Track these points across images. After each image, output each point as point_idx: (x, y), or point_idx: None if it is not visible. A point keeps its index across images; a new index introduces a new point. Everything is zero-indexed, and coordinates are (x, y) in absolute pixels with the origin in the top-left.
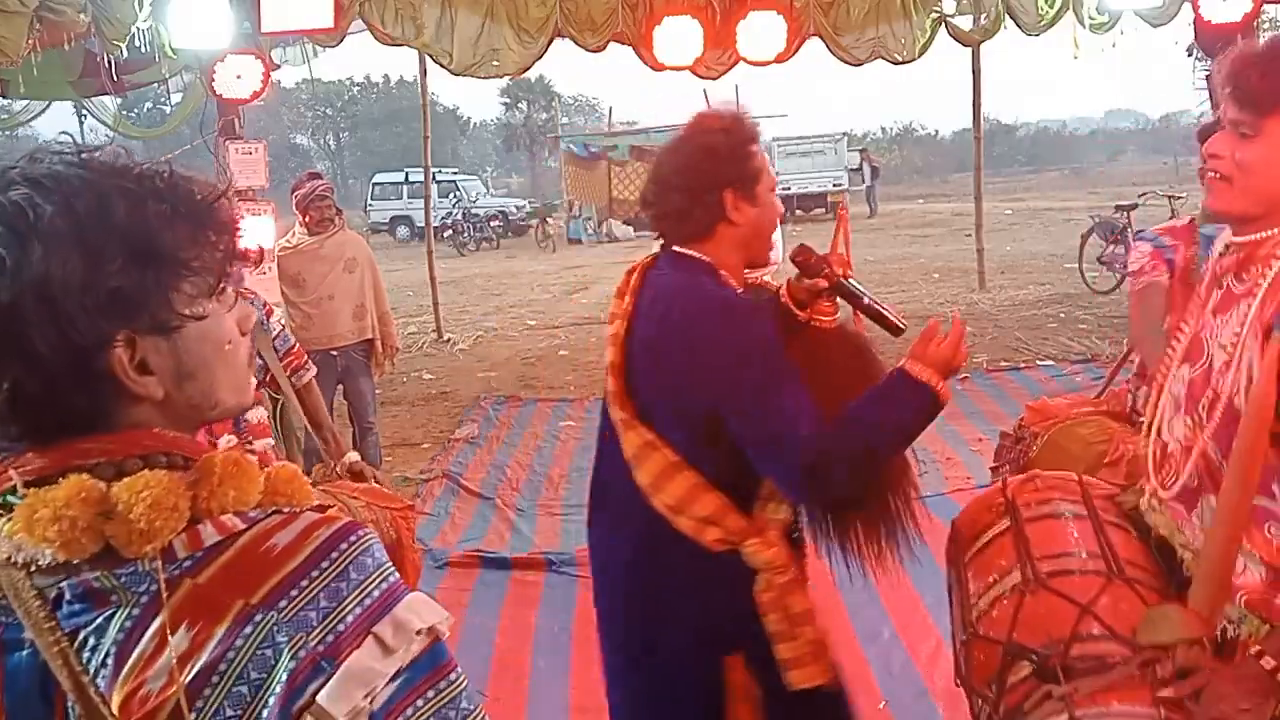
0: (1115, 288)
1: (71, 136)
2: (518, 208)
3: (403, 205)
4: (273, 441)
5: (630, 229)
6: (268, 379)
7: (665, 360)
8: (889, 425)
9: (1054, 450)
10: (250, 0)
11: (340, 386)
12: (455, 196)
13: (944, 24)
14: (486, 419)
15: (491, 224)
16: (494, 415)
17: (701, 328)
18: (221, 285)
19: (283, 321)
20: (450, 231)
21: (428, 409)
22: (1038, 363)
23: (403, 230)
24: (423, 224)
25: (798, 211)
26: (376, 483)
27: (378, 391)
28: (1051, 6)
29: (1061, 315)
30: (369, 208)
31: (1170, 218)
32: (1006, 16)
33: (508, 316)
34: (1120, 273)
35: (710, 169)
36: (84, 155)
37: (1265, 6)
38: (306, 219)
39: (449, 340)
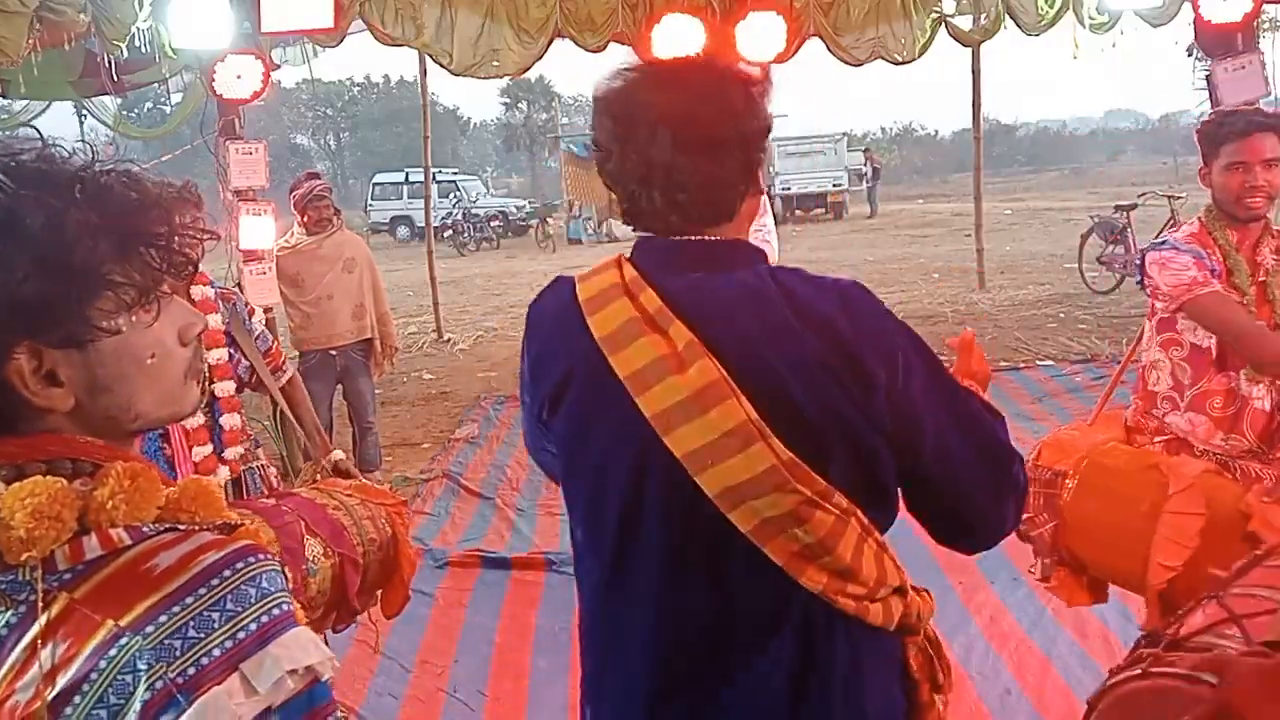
0: (1115, 288)
1: (38, 131)
2: (518, 208)
3: (403, 205)
4: (243, 450)
5: (630, 229)
6: (253, 379)
7: (844, 387)
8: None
9: (1094, 489)
10: (250, 0)
11: (340, 386)
12: (455, 197)
13: (944, 24)
14: (486, 419)
15: (491, 224)
16: (494, 415)
17: (871, 333)
18: (149, 298)
19: (263, 321)
20: (450, 232)
21: (428, 409)
22: (1037, 363)
23: (403, 230)
24: (423, 224)
25: (797, 212)
26: (365, 479)
27: (378, 391)
28: (1051, 6)
29: (1061, 315)
30: (369, 208)
31: (1170, 218)
32: (1006, 16)
33: (508, 316)
34: (1120, 273)
35: (759, 122)
36: (9, 159)
37: (1265, 6)
38: (305, 219)
39: (449, 340)
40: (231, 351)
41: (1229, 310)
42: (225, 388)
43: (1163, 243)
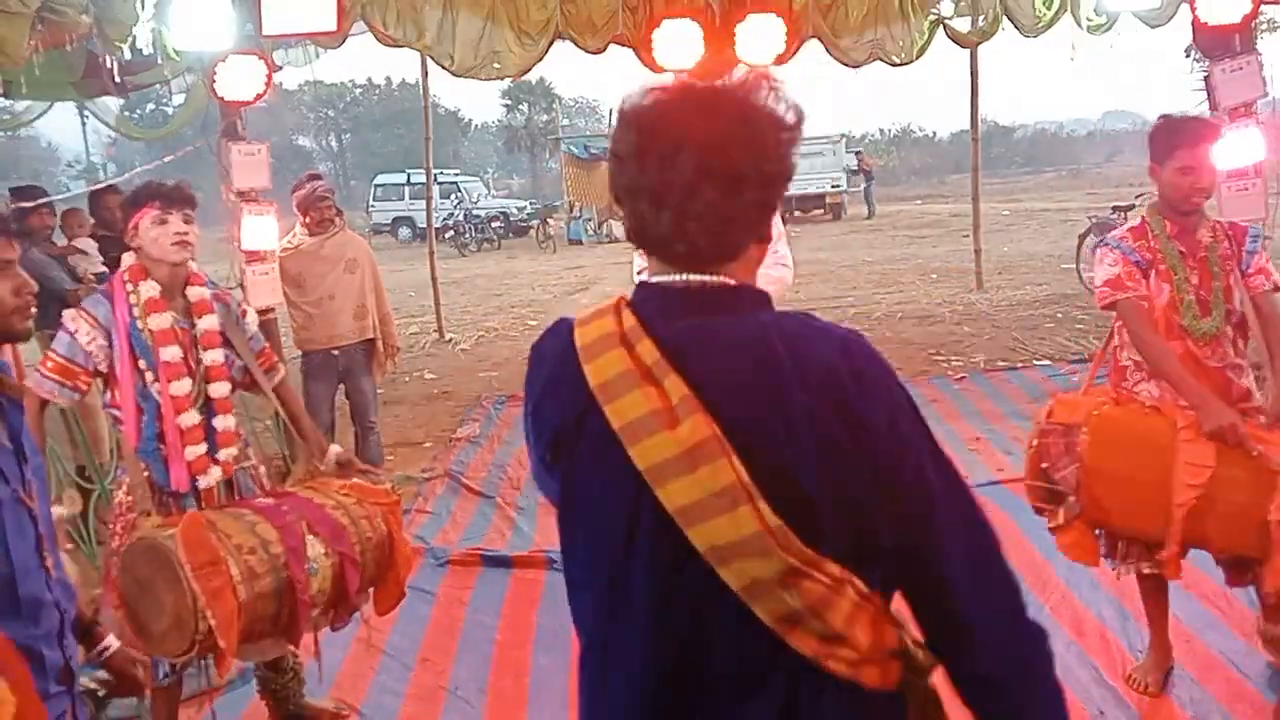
0: None
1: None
2: (518, 209)
3: (405, 206)
4: (235, 451)
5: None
6: (247, 380)
7: (840, 445)
8: None
9: (1108, 436)
10: (252, 2)
11: (342, 386)
12: (457, 198)
13: (942, 26)
14: (488, 418)
15: (492, 225)
16: (495, 414)
17: (874, 386)
18: None
19: (256, 322)
20: (452, 232)
21: (429, 408)
22: (1035, 363)
23: (405, 231)
24: (424, 225)
25: (796, 213)
26: (361, 476)
27: (380, 391)
28: (1049, 8)
29: (1059, 315)
30: (371, 209)
31: None
32: (1004, 18)
33: (509, 316)
34: None
35: (783, 167)
36: None
37: (1264, 6)
38: (307, 220)
39: (450, 340)
40: (227, 353)
41: (1137, 321)
42: (220, 389)
43: (1104, 240)
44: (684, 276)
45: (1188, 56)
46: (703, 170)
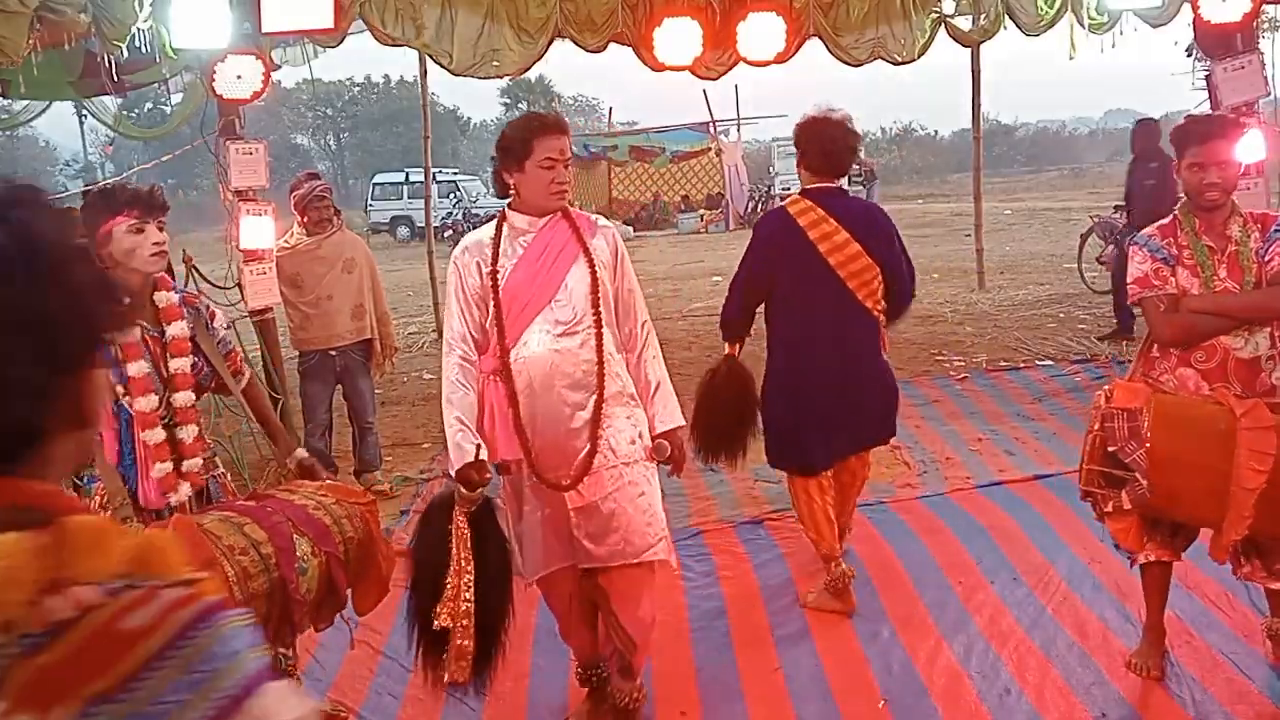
0: None
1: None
2: None
3: (403, 205)
4: (200, 461)
5: (630, 228)
6: (215, 384)
7: (885, 238)
8: None
9: (1170, 419)
10: (250, 0)
11: (340, 386)
12: (456, 197)
13: (943, 24)
14: None
15: None
16: None
17: (886, 217)
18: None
19: (225, 324)
20: (451, 231)
21: (428, 409)
22: (1037, 363)
23: (403, 230)
24: (423, 224)
25: None
26: (365, 479)
27: (378, 391)
28: (1051, 7)
29: (1061, 315)
30: (370, 208)
31: (1172, 218)
32: (1006, 17)
33: None
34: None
35: (858, 144)
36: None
37: (1265, 6)
38: (304, 219)
39: None
40: (196, 360)
41: (1152, 318)
42: (185, 398)
43: (1134, 238)
44: (827, 184)
45: (1189, 55)
46: (842, 148)
